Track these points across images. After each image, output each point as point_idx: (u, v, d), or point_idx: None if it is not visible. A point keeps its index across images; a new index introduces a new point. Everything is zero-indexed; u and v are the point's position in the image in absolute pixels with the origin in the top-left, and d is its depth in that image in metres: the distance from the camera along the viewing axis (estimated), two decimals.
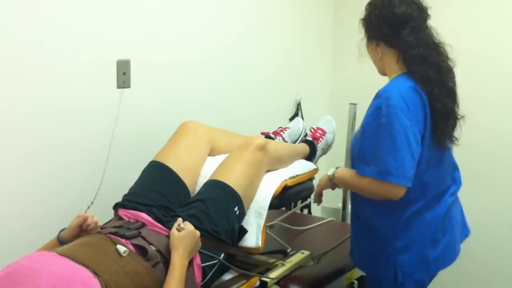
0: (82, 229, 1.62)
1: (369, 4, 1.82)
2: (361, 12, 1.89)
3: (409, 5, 1.74)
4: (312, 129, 2.39)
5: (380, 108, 1.65)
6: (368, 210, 1.82)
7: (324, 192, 2.49)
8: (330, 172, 1.88)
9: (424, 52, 1.70)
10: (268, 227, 2.25)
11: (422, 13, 1.76)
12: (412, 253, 1.77)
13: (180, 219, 1.62)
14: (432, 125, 1.70)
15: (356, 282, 2.52)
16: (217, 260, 1.70)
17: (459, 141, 1.81)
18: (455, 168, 1.90)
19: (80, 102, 1.99)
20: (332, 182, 1.90)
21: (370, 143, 1.68)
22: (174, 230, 1.58)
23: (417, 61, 1.70)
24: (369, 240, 1.84)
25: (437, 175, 1.78)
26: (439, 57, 1.73)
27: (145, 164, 1.90)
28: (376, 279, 1.87)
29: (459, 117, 1.77)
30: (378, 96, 1.71)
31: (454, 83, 1.76)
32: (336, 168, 1.89)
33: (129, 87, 2.14)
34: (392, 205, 1.72)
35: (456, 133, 1.79)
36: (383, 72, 1.85)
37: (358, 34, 1.98)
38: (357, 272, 2.30)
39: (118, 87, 2.11)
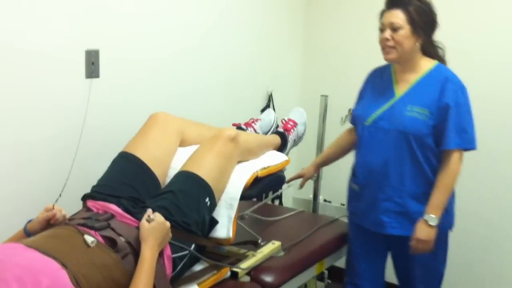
0: (49, 223, 1.60)
1: (419, 6, 2.02)
2: (332, 5, 1.93)
3: None
4: (283, 120, 2.40)
5: (456, 91, 2.01)
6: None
7: (296, 182, 2.50)
8: (433, 222, 2.02)
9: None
10: (239, 218, 2.26)
11: None
12: (453, 204, 2.18)
13: (150, 210, 1.61)
14: None
15: (326, 272, 2.55)
16: (187, 251, 1.70)
17: None
18: None
19: (48, 92, 1.95)
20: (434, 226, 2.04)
21: (456, 120, 2.00)
22: (144, 221, 1.57)
23: (442, 57, 2.15)
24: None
25: None
26: None
27: (114, 155, 1.88)
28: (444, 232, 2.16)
29: None
30: (449, 80, 2.03)
31: None
32: (429, 216, 2.03)
33: (98, 77, 2.12)
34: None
35: None
36: (405, 59, 2.06)
37: (329, 27, 2.01)
38: (327, 262, 2.33)
39: (87, 77, 2.08)
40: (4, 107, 1.82)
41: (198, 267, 1.84)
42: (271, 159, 2.15)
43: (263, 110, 3.04)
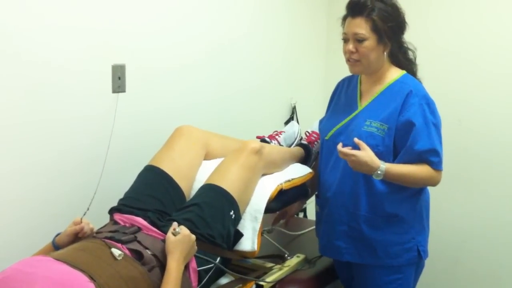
0: (77, 237, 1.62)
1: (384, 10, 1.85)
2: None
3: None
4: (307, 132, 2.40)
5: (422, 105, 1.83)
6: (395, 203, 1.92)
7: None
8: (380, 171, 1.77)
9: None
10: (266, 231, 2.25)
11: None
12: (425, 232, 2.01)
13: (175, 223, 1.62)
14: None
15: None
16: (213, 264, 1.70)
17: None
18: None
19: (75, 106, 1.99)
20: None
21: (424, 138, 1.81)
22: (169, 234, 1.58)
23: (413, 66, 1.99)
24: (395, 233, 1.94)
25: None
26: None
27: (141, 168, 1.90)
28: (400, 266, 1.96)
29: None
30: (413, 94, 1.85)
31: None
32: (381, 167, 1.78)
33: (124, 91, 2.15)
34: (415, 191, 1.93)
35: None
36: (372, 70, 1.93)
37: None
38: None
39: (114, 91, 2.11)
40: (31, 120, 1.86)
41: (223, 280, 1.84)
42: (295, 172, 2.14)
43: (286, 123, 3.04)
